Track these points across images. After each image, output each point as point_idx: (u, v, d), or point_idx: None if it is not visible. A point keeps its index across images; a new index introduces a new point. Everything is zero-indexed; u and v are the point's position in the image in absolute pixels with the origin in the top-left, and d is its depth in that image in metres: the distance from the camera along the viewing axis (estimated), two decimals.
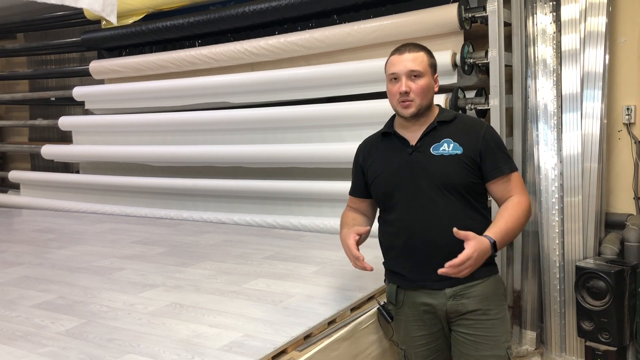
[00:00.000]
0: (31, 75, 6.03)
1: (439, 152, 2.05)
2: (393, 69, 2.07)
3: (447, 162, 2.04)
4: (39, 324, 2.23)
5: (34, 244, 3.72)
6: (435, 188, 2.03)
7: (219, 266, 2.99)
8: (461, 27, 3.30)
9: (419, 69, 2.04)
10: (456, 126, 2.10)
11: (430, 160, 2.05)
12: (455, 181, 2.03)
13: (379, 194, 2.17)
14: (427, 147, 2.07)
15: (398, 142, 2.13)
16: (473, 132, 2.08)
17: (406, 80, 2.03)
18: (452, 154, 2.04)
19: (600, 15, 3.20)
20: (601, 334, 3.00)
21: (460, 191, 2.04)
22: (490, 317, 2.06)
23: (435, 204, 2.02)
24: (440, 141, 2.07)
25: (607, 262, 3.07)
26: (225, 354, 1.88)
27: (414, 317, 2.13)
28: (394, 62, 2.08)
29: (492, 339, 2.05)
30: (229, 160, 4.21)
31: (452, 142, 2.06)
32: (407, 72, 2.04)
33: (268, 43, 3.99)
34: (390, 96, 2.11)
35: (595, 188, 3.21)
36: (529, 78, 3.41)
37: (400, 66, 2.05)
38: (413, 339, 2.15)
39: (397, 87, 2.05)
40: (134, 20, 4.58)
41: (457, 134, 2.07)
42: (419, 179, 2.05)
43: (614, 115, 3.36)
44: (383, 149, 2.18)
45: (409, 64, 2.04)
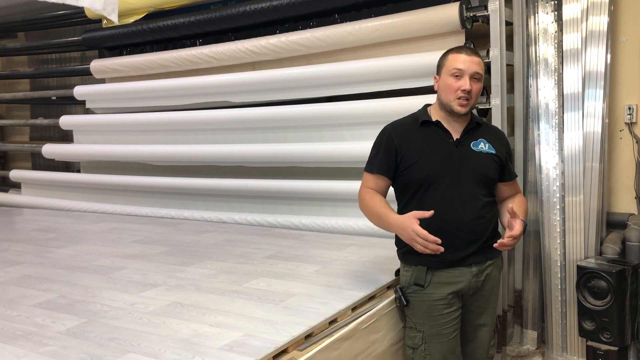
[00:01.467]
0: (32, 74, 6.02)
1: (478, 148, 2.31)
2: (460, 65, 2.22)
3: (485, 158, 2.31)
4: (40, 323, 2.23)
5: (34, 243, 3.71)
6: (473, 179, 2.27)
7: (220, 265, 2.98)
8: (462, 26, 3.30)
9: (481, 73, 2.27)
10: (486, 130, 2.40)
11: (472, 155, 2.30)
12: (490, 175, 2.32)
13: (418, 177, 2.27)
14: (468, 142, 2.31)
15: (441, 133, 2.31)
16: (500, 139, 2.42)
17: (470, 80, 2.22)
18: (489, 153, 2.33)
19: (601, 14, 3.19)
20: (602, 334, 3.00)
21: (489, 184, 2.33)
22: (495, 292, 2.43)
23: (471, 192, 2.26)
24: (477, 140, 2.33)
25: (608, 261, 3.06)
26: (226, 354, 1.88)
27: (438, 297, 2.28)
28: (461, 59, 2.23)
29: (492, 309, 2.44)
30: (230, 160, 4.20)
31: (487, 143, 2.34)
32: (472, 72, 2.23)
33: (269, 42, 3.98)
34: (448, 90, 2.25)
35: (597, 187, 3.20)
36: (530, 77, 3.41)
37: (467, 65, 2.22)
38: (435, 318, 2.28)
39: (459, 83, 2.22)
40: (135, 20, 4.57)
41: (488, 137, 2.36)
42: (462, 169, 2.26)
43: (616, 115, 3.35)
44: (423, 136, 2.32)
45: (476, 66, 2.24)
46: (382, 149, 2.35)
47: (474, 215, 2.26)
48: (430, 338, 2.29)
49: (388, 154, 2.32)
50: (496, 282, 2.44)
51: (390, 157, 2.32)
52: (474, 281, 2.31)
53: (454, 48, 2.33)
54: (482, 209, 2.28)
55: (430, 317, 2.29)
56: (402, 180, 2.33)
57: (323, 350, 2.00)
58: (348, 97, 3.75)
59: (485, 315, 2.42)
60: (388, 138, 2.34)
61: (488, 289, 2.38)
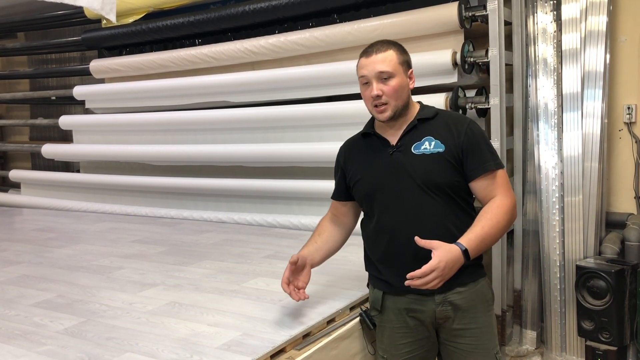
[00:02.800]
0: (32, 74, 6.02)
1: (420, 151, 1.98)
2: (362, 72, 1.98)
3: (429, 161, 1.96)
4: (38, 323, 2.23)
5: (34, 243, 3.71)
6: (418, 189, 1.95)
7: (219, 265, 2.98)
8: (461, 26, 3.29)
9: (388, 70, 1.94)
10: (437, 123, 2.02)
11: (411, 160, 1.97)
12: (439, 180, 1.95)
13: (361, 197, 2.10)
14: (408, 146, 1.99)
15: (379, 143, 2.06)
16: (455, 128, 1.99)
17: (377, 83, 1.94)
18: (434, 152, 1.96)
19: (600, 14, 3.19)
20: (601, 334, 3.00)
21: (445, 190, 1.95)
22: (478, 325, 2.00)
23: (418, 206, 1.95)
24: (422, 140, 1.99)
25: (607, 261, 3.06)
26: (224, 353, 1.88)
27: (399, 324, 2.04)
28: (363, 64, 1.98)
29: (481, 347, 2.01)
30: (229, 160, 4.20)
31: (433, 140, 1.98)
32: (376, 74, 1.94)
33: (268, 42, 3.98)
34: (365, 100, 2.02)
35: (596, 187, 3.20)
36: (529, 77, 3.41)
37: (369, 69, 1.95)
38: (397, 347, 2.05)
39: (369, 91, 1.96)
40: (134, 20, 4.57)
41: (438, 131, 1.99)
42: (401, 180, 1.96)
43: (615, 115, 3.35)
44: (364, 150, 2.11)
45: (377, 65, 1.94)
46: (335, 171, 2.24)
47: (425, 231, 1.88)
48: None
49: (338, 176, 2.21)
50: (479, 312, 2.00)
51: (340, 178, 2.20)
52: (440, 310, 1.97)
53: (362, 52, 2.02)
54: (435, 223, 1.93)
55: (393, 345, 2.06)
56: (356, 200, 2.17)
57: (321, 350, 1.99)
58: (347, 97, 3.75)
59: (474, 356, 2.00)
60: (338, 159, 2.22)
61: (465, 321, 1.98)
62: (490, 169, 1.96)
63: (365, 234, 2.14)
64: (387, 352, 2.09)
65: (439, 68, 3.33)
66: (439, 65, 3.32)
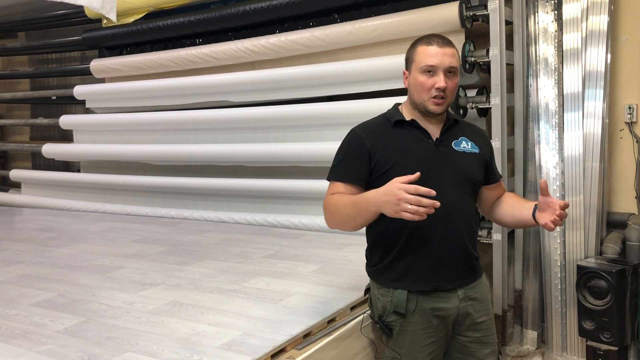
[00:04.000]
0: (32, 74, 6.02)
1: (460, 148, 2.04)
2: (432, 60, 1.92)
3: (469, 158, 2.05)
4: (38, 322, 2.22)
5: (34, 242, 3.71)
6: (459, 183, 2.00)
7: (219, 265, 2.98)
8: (462, 25, 3.29)
9: (456, 66, 1.97)
10: (465, 128, 2.12)
11: (455, 156, 2.02)
12: (476, 177, 2.06)
13: None
14: (448, 142, 2.03)
15: (418, 133, 2.02)
16: (481, 137, 2.15)
17: (444, 76, 1.93)
18: (472, 152, 2.06)
19: (602, 14, 3.19)
20: (602, 334, 2.99)
21: (474, 187, 2.08)
22: (489, 316, 2.09)
23: (458, 198, 1.97)
24: (459, 138, 2.06)
25: (608, 261, 3.05)
26: (224, 353, 1.88)
27: (423, 325, 1.98)
28: (433, 53, 1.93)
29: (491, 338, 2.09)
30: (230, 159, 4.20)
31: (469, 141, 2.07)
32: (447, 67, 1.93)
33: (269, 42, 3.98)
34: (421, 88, 1.96)
35: (597, 187, 3.19)
36: (530, 77, 3.40)
37: (439, 59, 1.92)
38: (421, 349, 1.99)
39: (433, 80, 1.93)
40: (135, 19, 4.57)
41: (469, 134, 2.09)
42: (445, 172, 1.97)
43: (616, 114, 3.34)
44: (398, 137, 2.01)
45: (450, 59, 1.94)
46: (351, 153, 2.02)
47: (463, 225, 1.98)
48: None
49: (359, 159, 2.00)
50: (489, 304, 2.11)
51: (361, 162, 1.99)
52: (462, 306, 2.00)
53: (423, 38, 1.99)
54: (470, 217, 2.03)
55: (417, 347, 1.99)
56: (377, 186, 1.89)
57: (321, 349, 1.99)
58: (348, 96, 3.74)
59: (486, 346, 2.08)
60: (359, 140, 2.02)
61: (481, 314, 2.05)
62: (499, 178, 2.20)
63: (388, 226, 1.97)
64: (408, 356, 2.00)
65: None
66: None
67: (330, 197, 2.03)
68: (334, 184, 2.06)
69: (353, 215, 1.91)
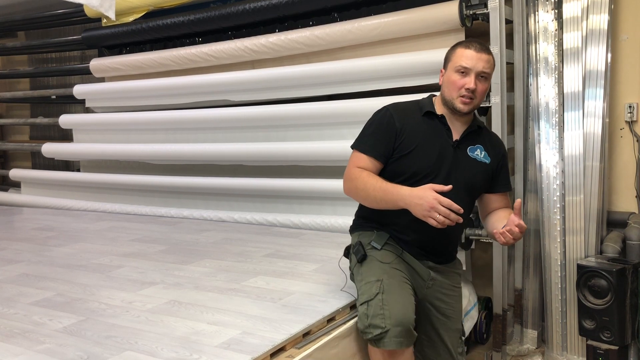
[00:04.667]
0: (32, 73, 6.01)
1: (473, 155, 2.21)
2: (467, 62, 2.10)
3: (477, 167, 2.21)
4: (37, 321, 2.22)
5: (33, 241, 3.71)
6: (462, 185, 2.15)
7: (219, 264, 2.98)
8: (462, 24, 3.29)
9: (488, 72, 2.14)
10: (485, 136, 2.27)
11: (465, 160, 2.19)
12: (477, 186, 2.23)
13: (411, 169, 2.12)
14: (465, 146, 2.20)
15: (443, 129, 2.19)
16: (497, 147, 2.29)
17: (475, 79, 2.10)
18: (483, 162, 2.22)
19: (602, 12, 3.18)
20: (603, 333, 2.98)
21: (473, 194, 2.24)
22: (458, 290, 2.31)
23: (457, 198, 2.04)
24: (475, 145, 2.22)
25: (608, 260, 3.05)
26: (224, 351, 1.87)
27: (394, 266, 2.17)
28: (470, 56, 2.11)
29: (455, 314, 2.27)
30: (230, 159, 4.19)
31: (483, 150, 2.23)
32: (479, 71, 2.11)
33: (268, 41, 3.97)
34: (452, 86, 2.13)
35: (597, 187, 3.19)
36: (530, 76, 3.40)
37: (475, 62, 2.10)
38: (393, 275, 2.12)
39: (464, 80, 2.10)
40: (135, 18, 4.56)
41: (486, 144, 2.25)
42: (454, 172, 2.14)
43: (616, 113, 3.34)
44: (424, 126, 2.18)
45: (484, 64, 2.11)
46: (381, 129, 2.16)
47: (452, 227, 2.07)
48: (389, 287, 2.07)
49: (387, 136, 2.14)
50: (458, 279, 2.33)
51: (388, 140, 2.14)
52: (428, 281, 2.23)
53: (464, 42, 2.19)
54: (464, 220, 2.12)
55: (390, 267, 2.14)
56: (393, 167, 2.16)
57: (321, 348, 1.99)
58: (348, 95, 3.74)
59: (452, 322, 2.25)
60: (390, 119, 2.16)
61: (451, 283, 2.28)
62: (508, 190, 2.32)
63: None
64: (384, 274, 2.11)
65: (439, 67, 3.31)
66: (440, 64, 3.30)
67: (359, 171, 2.14)
68: (358, 154, 2.18)
69: (379, 199, 2.08)
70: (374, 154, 2.15)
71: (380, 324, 1.96)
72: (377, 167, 2.17)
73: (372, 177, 2.11)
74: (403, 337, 1.96)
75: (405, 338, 1.97)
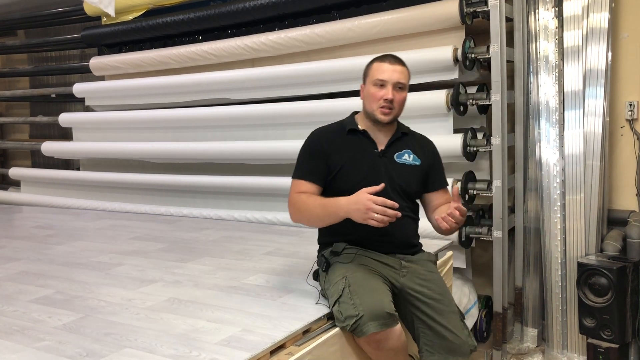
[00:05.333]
0: (31, 72, 6.01)
1: (402, 160, 2.32)
2: (383, 75, 2.23)
3: (408, 170, 2.31)
4: (36, 319, 2.21)
5: (33, 240, 3.70)
6: (396, 191, 2.26)
7: (218, 262, 2.97)
8: (463, 22, 3.28)
9: (404, 82, 2.27)
10: (412, 140, 2.38)
11: (395, 167, 2.30)
12: (411, 188, 2.32)
13: (345, 188, 2.21)
14: (392, 153, 2.31)
15: (367, 142, 2.31)
16: (426, 147, 2.41)
17: (392, 90, 2.23)
18: (413, 164, 2.33)
19: (602, 11, 3.18)
20: (603, 331, 2.98)
21: (412, 196, 2.35)
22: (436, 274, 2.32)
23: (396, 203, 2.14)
24: (402, 151, 2.33)
25: (609, 258, 3.05)
26: (223, 349, 1.86)
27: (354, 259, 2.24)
28: (385, 69, 2.24)
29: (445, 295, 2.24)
30: (229, 157, 4.19)
31: (412, 154, 2.34)
32: (395, 82, 2.23)
33: (268, 39, 3.97)
34: (372, 99, 2.25)
35: (598, 185, 3.19)
36: (530, 74, 3.39)
37: (390, 74, 2.23)
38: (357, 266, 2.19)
39: (382, 92, 2.23)
40: (134, 16, 4.57)
41: (414, 147, 2.36)
42: (383, 180, 2.18)
43: (617, 111, 3.33)
44: (348, 143, 2.30)
45: (399, 75, 2.24)
46: (311, 155, 2.31)
47: (401, 228, 2.24)
48: (354, 279, 2.11)
49: (318, 160, 2.29)
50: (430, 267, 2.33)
51: (320, 163, 2.28)
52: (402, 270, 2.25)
53: (378, 57, 2.31)
54: (405, 221, 2.25)
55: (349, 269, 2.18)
56: (331, 187, 2.29)
57: (320, 346, 1.98)
58: (348, 93, 3.73)
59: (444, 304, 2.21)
60: (317, 143, 2.32)
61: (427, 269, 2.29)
62: (445, 185, 2.43)
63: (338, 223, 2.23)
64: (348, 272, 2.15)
65: (439, 64, 3.32)
66: (440, 62, 3.31)
67: (298, 195, 2.28)
68: (296, 182, 2.33)
69: (322, 215, 2.19)
70: (311, 178, 2.28)
71: (353, 312, 1.99)
72: (316, 190, 2.28)
73: (311, 197, 2.24)
74: (380, 319, 1.97)
75: (383, 319, 1.98)
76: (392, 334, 2.01)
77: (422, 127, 3.45)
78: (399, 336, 2.04)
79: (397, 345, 2.05)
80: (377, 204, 1.99)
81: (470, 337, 2.18)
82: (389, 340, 2.01)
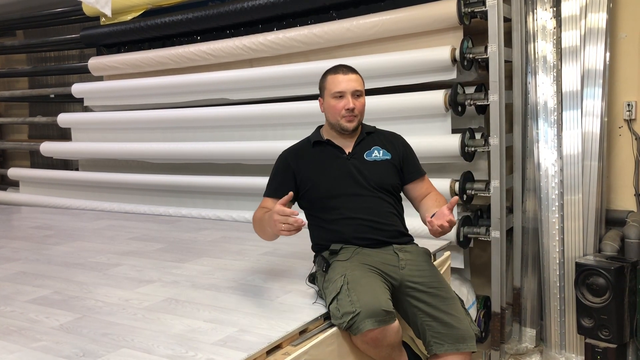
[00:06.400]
0: (30, 72, 6.01)
1: (372, 158, 2.40)
2: (340, 87, 2.32)
3: (380, 166, 2.39)
4: (34, 319, 2.21)
5: (31, 240, 3.70)
6: (370, 188, 2.34)
7: (216, 262, 2.97)
8: (460, 22, 3.28)
9: (361, 89, 2.36)
10: (378, 137, 2.46)
11: (366, 165, 2.37)
12: (389, 182, 2.38)
13: (319, 196, 2.36)
14: (360, 154, 2.39)
15: (333, 150, 2.41)
16: (395, 141, 2.48)
17: (352, 98, 2.31)
18: (384, 159, 2.41)
19: (600, 11, 3.17)
20: (601, 331, 2.98)
21: (391, 190, 2.39)
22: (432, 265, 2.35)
23: (373, 202, 2.32)
24: (371, 149, 2.41)
25: (607, 258, 3.05)
26: (220, 349, 1.86)
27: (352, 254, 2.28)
28: (340, 80, 2.33)
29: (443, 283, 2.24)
30: (228, 157, 4.19)
31: (381, 149, 2.42)
32: (353, 91, 2.32)
33: (267, 39, 3.97)
34: (334, 111, 2.34)
35: (596, 186, 3.18)
36: (529, 74, 3.39)
37: (346, 84, 2.32)
38: (356, 264, 2.20)
39: (343, 103, 2.31)
40: (133, 17, 4.57)
41: (382, 142, 2.44)
42: (358, 181, 2.33)
43: (615, 112, 3.33)
44: (316, 156, 2.41)
45: (354, 84, 2.33)
46: (279, 173, 2.45)
47: (381, 220, 2.33)
48: (353, 277, 2.11)
49: (286, 178, 2.41)
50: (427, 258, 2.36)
51: (288, 180, 2.40)
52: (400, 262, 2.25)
53: (330, 70, 2.40)
54: (384, 215, 2.34)
55: (348, 268, 2.18)
56: (305, 200, 2.42)
57: (317, 346, 1.98)
58: None
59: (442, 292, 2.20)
60: (284, 162, 2.45)
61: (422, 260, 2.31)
62: (423, 174, 2.49)
63: (323, 227, 2.38)
64: (347, 269, 2.17)
65: (437, 65, 3.32)
66: (438, 62, 3.31)
67: (259, 210, 2.40)
68: (264, 199, 2.47)
69: (267, 229, 2.25)
70: (277, 194, 2.34)
71: (350, 309, 2.00)
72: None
73: (261, 211, 2.35)
74: (377, 316, 1.97)
75: (380, 316, 1.98)
76: (389, 332, 2.01)
77: (420, 127, 3.48)
78: (396, 333, 2.05)
79: (394, 343, 2.06)
80: (279, 215, 2.06)
81: (473, 324, 2.19)
82: (385, 338, 2.02)
